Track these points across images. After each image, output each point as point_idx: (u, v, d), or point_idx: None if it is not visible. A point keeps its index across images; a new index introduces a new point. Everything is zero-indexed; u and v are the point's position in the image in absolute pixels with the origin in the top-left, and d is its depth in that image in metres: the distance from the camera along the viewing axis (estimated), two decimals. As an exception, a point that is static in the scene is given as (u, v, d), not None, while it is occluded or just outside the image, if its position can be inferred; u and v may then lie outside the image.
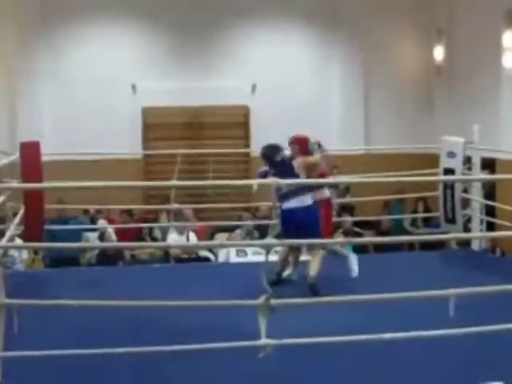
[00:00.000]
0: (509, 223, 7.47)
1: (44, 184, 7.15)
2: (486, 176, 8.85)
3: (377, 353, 4.41)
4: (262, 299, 3.92)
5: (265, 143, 6.61)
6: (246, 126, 12.80)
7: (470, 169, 8.07)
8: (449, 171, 7.81)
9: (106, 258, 9.38)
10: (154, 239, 10.44)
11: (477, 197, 8.14)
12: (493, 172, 9.98)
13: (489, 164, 9.56)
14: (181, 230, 9.34)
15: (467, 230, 8.32)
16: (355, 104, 12.97)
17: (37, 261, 8.97)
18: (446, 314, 3.90)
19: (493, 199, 9.13)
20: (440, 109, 12.72)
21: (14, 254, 8.45)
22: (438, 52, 12.73)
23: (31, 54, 12.23)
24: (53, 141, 10.83)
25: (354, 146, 11.94)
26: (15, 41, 12.07)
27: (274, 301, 3.99)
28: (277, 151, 6.38)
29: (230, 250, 8.58)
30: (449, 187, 7.82)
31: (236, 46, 12.78)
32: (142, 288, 6.30)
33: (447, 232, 7.92)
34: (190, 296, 4.49)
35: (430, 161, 9.00)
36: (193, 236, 9.47)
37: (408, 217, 11.47)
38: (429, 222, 11.28)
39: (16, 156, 7.15)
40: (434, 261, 7.97)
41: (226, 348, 4.04)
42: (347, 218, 9.67)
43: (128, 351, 3.94)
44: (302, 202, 6.18)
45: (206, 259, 9.35)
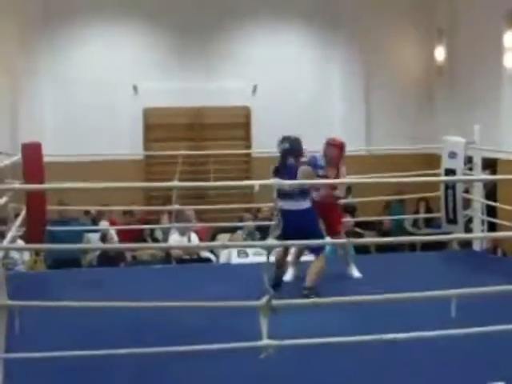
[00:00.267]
0: (510, 223, 7.46)
1: (46, 185, 7.15)
2: (487, 176, 8.84)
3: (378, 353, 4.41)
4: (264, 300, 3.91)
5: (265, 143, 6.54)
6: (247, 126, 12.81)
7: (471, 169, 8.06)
8: (450, 171, 7.80)
9: (108, 259, 9.38)
10: (156, 240, 10.44)
11: (478, 197, 8.14)
12: (494, 172, 9.98)
13: (490, 164, 9.56)
14: (182, 231, 9.35)
15: (468, 230, 8.32)
16: (356, 104, 12.98)
17: (38, 262, 8.97)
18: (448, 314, 3.89)
19: (494, 199, 9.12)
20: (441, 109, 12.73)
21: (15, 255, 8.44)
22: (439, 52, 12.73)
23: (32, 55, 12.25)
24: (54, 142, 10.85)
25: (355, 146, 11.86)
26: (16, 41, 12.09)
27: (275, 302, 3.99)
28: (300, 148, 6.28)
29: (232, 250, 8.58)
30: (450, 188, 7.81)
31: (237, 47, 12.80)
32: (144, 289, 6.31)
33: (448, 232, 7.92)
34: (192, 297, 4.50)
35: (431, 161, 9.01)
36: (194, 237, 9.48)
37: (409, 217, 11.48)
38: (430, 223, 11.29)
39: (18, 157, 7.15)
40: (436, 261, 7.97)
41: (228, 349, 4.04)
42: (349, 219, 9.65)
43: (129, 352, 3.94)
44: (300, 205, 6.07)
45: (208, 260, 9.36)
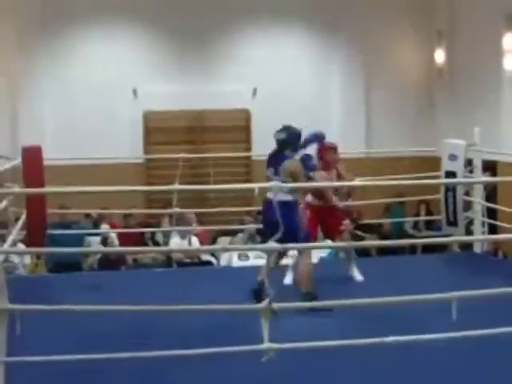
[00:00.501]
0: (511, 225, 7.46)
1: (46, 189, 7.15)
2: (487, 178, 8.84)
3: (379, 357, 4.40)
4: (265, 303, 3.91)
5: (265, 146, 6.26)
6: (247, 129, 12.81)
7: (471, 171, 8.07)
8: (450, 174, 7.80)
9: (109, 262, 9.39)
10: (156, 243, 10.44)
11: (478, 199, 8.14)
12: (494, 174, 9.98)
13: (490, 166, 9.56)
14: (183, 234, 9.35)
15: (469, 232, 8.31)
16: (356, 107, 12.98)
17: (39, 265, 8.97)
18: (449, 316, 3.89)
19: (494, 202, 9.13)
20: (441, 111, 12.73)
21: (15, 259, 8.44)
22: (439, 55, 12.73)
23: (32, 58, 12.25)
24: (54, 145, 10.85)
25: (354, 149, 11.90)
26: (15, 45, 12.09)
27: (276, 305, 3.99)
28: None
29: (233, 253, 8.58)
30: (450, 190, 7.81)
31: (237, 50, 12.80)
32: (145, 292, 6.30)
33: (449, 235, 7.92)
34: (193, 300, 4.49)
35: (431, 163, 8.99)
36: (195, 240, 9.48)
37: (410, 220, 11.48)
38: (431, 225, 11.29)
39: (18, 161, 7.15)
40: (436, 264, 7.96)
41: (229, 352, 4.04)
42: (349, 222, 9.62)
43: (130, 356, 3.94)
44: (280, 196, 5.02)
45: (209, 263, 9.36)
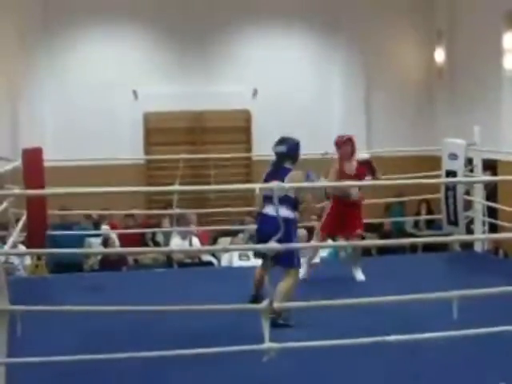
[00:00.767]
0: (511, 224, 7.46)
1: (46, 190, 7.16)
2: (487, 177, 8.84)
3: (380, 355, 4.40)
4: (266, 303, 3.91)
5: (266, 146, 6.12)
6: (247, 130, 12.81)
7: (471, 170, 8.07)
8: (451, 173, 7.81)
9: (109, 263, 9.39)
10: (157, 244, 10.44)
11: (479, 198, 8.14)
12: (494, 173, 9.98)
13: (490, 165, 9.56)
14: (184, 235, 9.35)
15: (470, 231, 8.32)
16: (356, 107, 12.98)
17: (40, 267, 8.97)
18: (450, 315, 3.89)
19: (495, 201, 9.13)
20: (441, 111, 12.73)
21: (15, 260, 8.43)
22: (439, 54, 12.73)
23: (32, 60, 12.26)
24: (55, 147, 10.86)
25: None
26: (16, 46, 12.10)
27: (276, 304, 3.99)
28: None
29: (233, 254, 8.58)
30: (451, 189, 7.81)
31: (237, 51, 12.81)
32: (146, 293, 6.31)
33: (450, 234, 7.92)
34: (193, 300, 4.48)
35: (431, 163, 8.99)
36: (196, 240, 9.47)
37: (410, 219, 11.47)
38: (431, 224, 11.29)
39: (18, 162, 7.16)
40: (437, 263, 7.96)
41: (230, 352, 4.03)
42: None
43: (131, 356, 3.93)
44: (279, 211, 4.70)
45: (209, 263, 9.35)
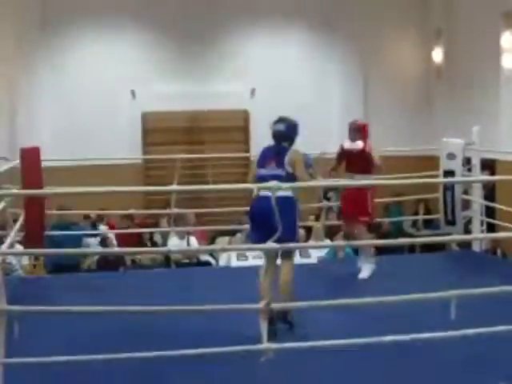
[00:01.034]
0: (509, 224, 7.46)
1: (44, 190, 7.15)
2: (486, 177, 8.85)
3: (378, 355, 4.40)
4: (264, 303, 3.91)
5: (263, 146, 5.63)
6: (245, 130, 12.81)
7: (469, 170, 8.07)
8: (449, 173, 7.81)
9: (107, 263, 9.38)
10: (155, 244, 10.43)
11: (477, 198, 8.14)
12: (493, 173, 9.98)
13: (489, 165, 9.56)
14: (181, 235, 9.34)
15: (468, 231, 8.32)
16: (354, 106, 12.96)
17: (38, 267, 8.96)
18: (447, 315, 3.89)
19: (493, 200, 9.12)
20: (439, 110, 12.73)
21: (13, 260, 8.41)
22: (437, 53, 12.73)
23: (31, 60, 12.25)
24: (53, 146, 10.84)
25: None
26: (15, 46, 12.09)
27: (275, 304, 3.99)
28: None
29: (231, 254, 8.57)
30: (449, 189, 7.81)
31: (235, 51, 12.80)
32: (143, 293, 6.30)
33: (448, 234, 7.92)
34: (192, 300, 4.48)
35: (429, 163, 8.99)
36: (194, 240, 9.47)
37: (408, 219, 11.47)
38: (429, 224, 11.28)
39: (16, 162, 7.14)
40: (435, 262, 7.96)
41: (228, 352, 4.03)
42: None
43: (129, 356, 3.93)
44: (282, 191, 4.69)
45: (207, 263, 9.35)
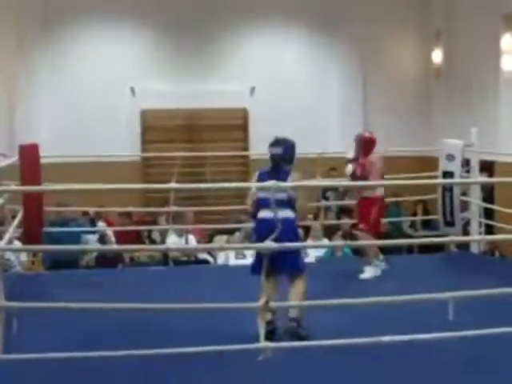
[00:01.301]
0: (507, 226, 7.47)
1: (43, 186, 7.16)
2: (484, 179, 8.85)
3: (376, 356, 4.40)
4: (261, 302, 3.91)
5: (263, 145, 5.75)
6: (244, 128, 12.80)
7: (468, 171, 8.08)
8: (448, 174, 7.82)
9: (105, 260, 9.37)
10: (153, 242, 10.43)
11: (476, 199, 8.15)
12: (491, 175, 9.99)
13: (487, 167, 9.57)
14: (180, 233, 9.34)
15: (466, 232, 8.33)
16: (354, 106, 12.97)
17: (36, 263, 8.94)
18: (445, 316, 3.90)
19: (491, 202, 9.13)
20: (439, 111, 12.72)
21: (11, 257, 8.40)
22: (437, 54, 12.73)
23: (30, 57, 12.22)
24: (52, 143, 10.81)
25: (352, 148, 11.90)
26: (14, 43, 12.06)
27: (273, 303, 3.99)
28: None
29: (229, 252, 8.57)
30: (448, 190, 7.82)
31: (235, 49, 12.79)
32: (141, 290, 6.31)
33: (446, 235, 7.93)
34: (189, 298, 4.49)
35: (428, 163, 9.01)
36: (192, 238, 9.46)
37: (407, 219, 11.47)
38: (428, 225, 11.29)
39: (15, 158, 7.15)
40: (433, 263, 7.97)
41: (226, 351, 4.03)
42: (346, 221, 9.64)
43: (127, 354, 3.93)
44: (286, 213, 4.96)
45: (205, 262, 9.35)
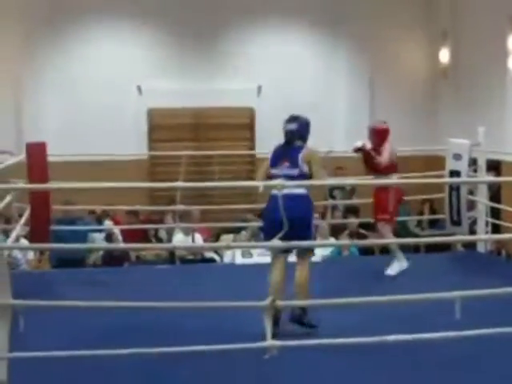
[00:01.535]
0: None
1: (50, 185, 7.17)
2: (491, 178, 8.84)
3: (382, 355, 4.40)
4: (268, 300, 3.91)
5: (269, 144, 5.71)
6: (251, 127, 12.81)
7: (475, 171, 8.07)
8: (454, 173, 7.81)
9: (112, 258, 9.39)
10: (160, 240, 10.44)
11: (482, 199, 8.14)
12: (498, 174, 9.97)
13: (494, 166, 9.55)
14: (187, 231, 9.35)
15: (473, 232, 8.32)
16: (360, 105, 12.96)
17: (43, 261, 8.97)
18: (452, 316, 3.89)
19: (498, 201, 9.12)
20: (445, 111, 12.71)
21: (18, 255, 8.43)
22: (444, 54, 12.71)
23: (37, 55, 12.26)
24: (59, 141, 10.81)
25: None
26: (21, 42, 12.11)
27: (279, 302, 3.99)
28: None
29: (236, 251, 8.58)
30: (454, 189, 7.82)
31: (241, 48, 12.78)
32: (148, 289, 6.32)
33: (453, 234, 7.92)
34: (196, 297, 4.50)
35: (435, 163, 9.00)
36: (198, 237, 9.48)
37: (413, 219, 11.46)
38: (434, 224, 11.27)
39: (22, 156, 7.17)
40: (440, 263, 7.97)
41: (232, 349, 4.04)
42: (352, 220, 9.64)
43: (133, 352, 3.94)
44: (299, 189, 4.95)
45: (212, 260, 9.36)
